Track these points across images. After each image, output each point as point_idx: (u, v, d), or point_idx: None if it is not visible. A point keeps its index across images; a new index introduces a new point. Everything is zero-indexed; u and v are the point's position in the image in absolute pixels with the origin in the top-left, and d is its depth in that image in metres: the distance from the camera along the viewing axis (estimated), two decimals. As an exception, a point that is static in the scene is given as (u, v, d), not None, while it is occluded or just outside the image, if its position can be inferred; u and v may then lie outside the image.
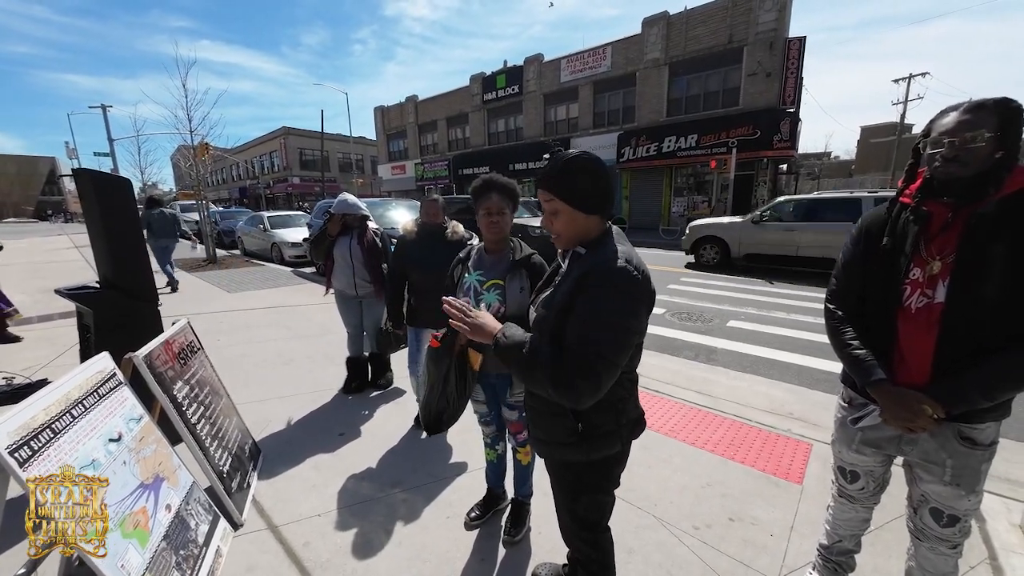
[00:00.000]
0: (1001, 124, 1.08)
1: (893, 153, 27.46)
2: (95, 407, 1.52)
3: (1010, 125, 1.08)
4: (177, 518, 1.66)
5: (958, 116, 1.13)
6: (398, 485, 2.33)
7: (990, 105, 1.10)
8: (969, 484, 1.24)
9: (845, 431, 1.45)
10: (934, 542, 1.32)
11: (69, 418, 1.39)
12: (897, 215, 1.28)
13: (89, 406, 1.49)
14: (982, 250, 1.11)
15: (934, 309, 1.18)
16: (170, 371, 2.00)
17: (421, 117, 27.90)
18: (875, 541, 1.85)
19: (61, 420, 1.36)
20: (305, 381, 3.67)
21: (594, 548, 1.36)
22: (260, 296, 6.93)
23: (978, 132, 1.09)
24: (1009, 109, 1.08)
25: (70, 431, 1.37)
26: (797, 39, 14.64)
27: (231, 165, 47.25)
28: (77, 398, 1.46)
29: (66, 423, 1.37)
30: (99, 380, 1.60)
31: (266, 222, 11.71)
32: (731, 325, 5.42)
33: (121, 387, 1.70)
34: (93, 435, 1.45)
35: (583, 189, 1.12)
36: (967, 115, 1.12)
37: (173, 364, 2.04)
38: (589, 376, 1.03)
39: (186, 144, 11.09)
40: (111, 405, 1.60)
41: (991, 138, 1.08)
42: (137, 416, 1.71)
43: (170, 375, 1.98)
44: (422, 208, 2.71)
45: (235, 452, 2.25)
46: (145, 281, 2.58)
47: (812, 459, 2.50)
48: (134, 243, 2.50)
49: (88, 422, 1.46)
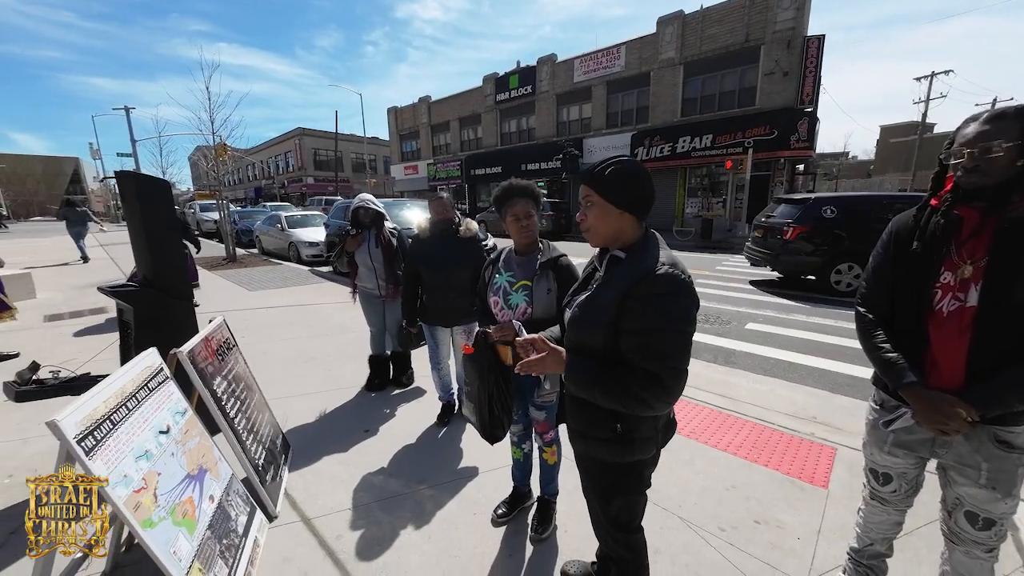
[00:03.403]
0: (1022, 133, 1.08)
1: (914, 153, 26.84)
2: (146, 400, 1.59)
3: None
4: (220, 508, 1.73)
5: (978, 126, 1.14)
6: (424, 482, 2.38)
7: (1011, 114, 1.11)
8: (1005, 488, 1.23)
9: (877, 433, 1.45)
10: (970, 546, 1.32)
11: (125, 410, 1.47)
12: (927, 220, 1.29)
13: (141, 399, 1.57)
14: (1015, 255, 1.12)
15: (966, 313, 1.19)
16: (210, 367, 2.07)
17: (434, 118, 28.10)
18: (904, 547, 1.83)
19: (118, 412, 1.43)
20: (327, 379, 3.75)
21: (627, 548, 1.38)
22: (280, 295, 7.07)
23: (996, 143, 1.09)
24: None
25: (126, 423, 1.44)
26: (816, 38, 14.42)
27: (247, 165, 48.14)
28: (131, 391, 1.53)
29: (123, 415, 1.45)
30: (149, 374, 1.67)
31: (283, 222, 11.90)
32: (749, 328, 5.38)
33: (168, 382, 1.78)
34: (145, 427, 1.52)
35: (618, 184, 1.14)
36: (986, 125, 1.13)
37: (212, 360, 2.12)
38: (663, 390, 1.07)
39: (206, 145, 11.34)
40: (160, 399, 1.67)
41: (1010, 147, 1.08)
42: (182, 409, 1.78)
43: (210, 371, 2.06)
44: (430, 207, 2.76)
45: (268, 446, 2.32)
46: (181, 280, 2.67)
47: (837, 463, 2.49)
48: (171, 243, 2.60)
49: (141, 414, 1.53)
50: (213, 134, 10.76)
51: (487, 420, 1.68)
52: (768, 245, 7.42)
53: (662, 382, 1.06)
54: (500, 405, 1.67)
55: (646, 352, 1.07)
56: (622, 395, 1.10)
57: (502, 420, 1.69)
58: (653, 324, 1.06)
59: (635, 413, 1.14)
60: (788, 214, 7.30)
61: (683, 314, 1.08)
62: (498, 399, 1.66)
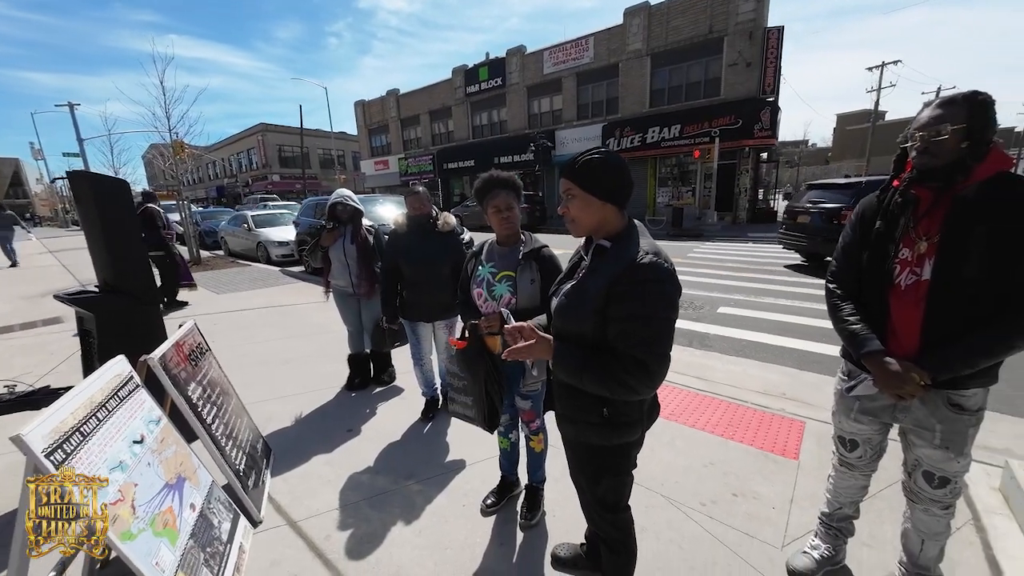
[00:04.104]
0: (969, 116, 1.17)
1: (868, 140, 28.17)
2: (117, 410, 1.52)
3: (976, 117, 1.17)
4: (202, 517, 1.68)
5: (930, 111, 1.24)
6: (412, 477, 2.38)
7: (959, 99, 1.20)
8: (958, 447, 1.34)
9: (844, 402, 1.55)
10: (928, 504, 1.43)
11: (95, 421, 1.40)
12: (889, 200, 1.37)
13: (112, 409, 1.50)
14: (965, 231, 1.21)
15: (921, 286, 1.28)
16: (183, 373, 2.00)
17: (403, 111, 27.55)
18: (869, 509, 1.96)
19: (88, 423, 1.37)
20: (306, 380, 3.67)
21: (615, 528, 1.43)
22: (251, 297, 6.83)
23: (943, 126, 1.19)
24: (975, 102, 1.18)
25: (97, 434, 1.38)
26: (775, 28, 14.87)
27: (207, 163, 46.01)
28: (100, 401, 1.46)
29: (93, 426, 1.38)
30: (118, 383, 1.60)
31: (250, 221, 11.47)
32: (721, 311, 5.56)
33: (139, 390, 1.70)
34: (118, 437, 1.46)
35: (597, 175, 1.17)
36: (937, 110, 1.22)
37: (185, 366, 2.04)
38: (648, 375, 1.10)
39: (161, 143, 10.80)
40: (132, 408, 1.61)
41: (955, 130, 1.17)
42: (156, 418, 1.72)
43: (183, 376, 1.98)
44: (407, 202, 2.72)
45: (248, 451, 2.27)
46: (146, 283, 2.55)
47: (806, 436, 2.62)
48: (134, 246, 2.47)
49: (112, 425, 1.46)
50: (170, 131, 10.24)
51: (486, 410, 1.70)
52: (812, 230, 7.51)
53: (647, 367, 1.09)
54: (496, 393, 1.69)
55: (632, 338, 1.10)
56: (609, 380, 1.13)
57: (497, 408, 1.71)
58: (639, 311, 1.09)
59: (621, 398, 1.18)
60: (838, 199, 7.36)
61: (667, 301, 1.11)
62: (494, 388, 1.68)
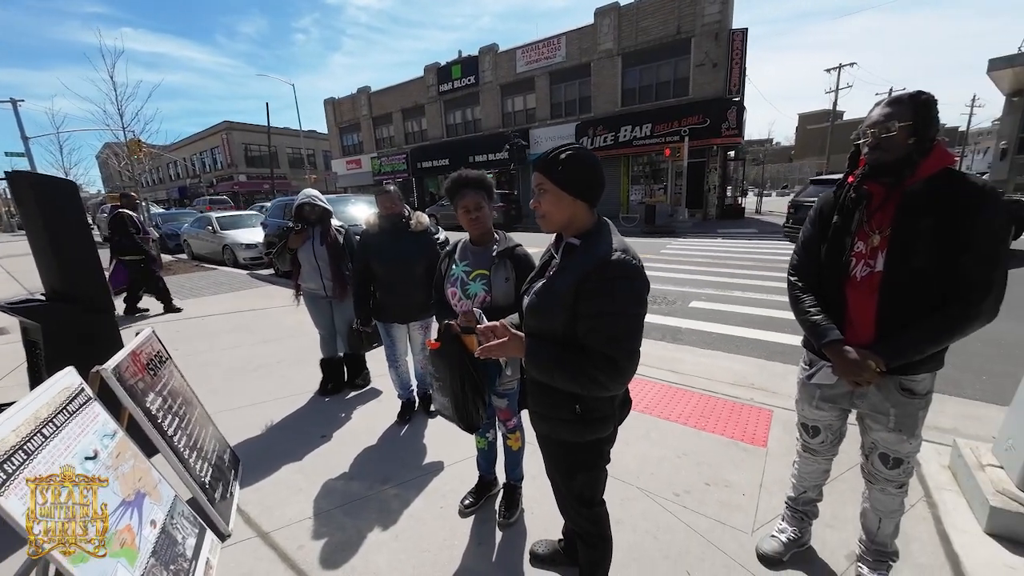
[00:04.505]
0: (914, 114, 1.24)
1: (828, 138, 29.46)
2: (66, 425, 1.43)
3: (921, 114, 1.24)
4: (164, 533, 1.60)
5: (880, 109, 1.30)
6: (388, 481, 2.34)
7: (905, 98, 1.27)
8: (910, 429, 1.42)
9: (806, 390, 1.62)
10: (884, 484, 1.51)
11: (41, 438, 1.31)
12: (844, 196, 1.44)
13: (60, 424, 1.41)
14: (912, 224, 1.28)
15: (875, 277, 1.34)
16: (140, 383, 1.90)
17: (375, 109, 27.05)
18: (831, 491, 2.05)
19: (32, 441, 1.28)
20: (278, 386, 3.56)
21: (591, 522, 1.44)
22: (217, 301, 6.57)
23: (891, 123, 1.25)
24: (919, 101, 1.25)
25: (43, 452, 1.29)
26: (740, 31, 15.36)
27: (167, 163, 43.95)
28: (46, 417, 1.37)
29: (38, 443, 1.29)
30: (67, 397, 1.50)
31: (215, 223, 11.03)
32: (693, 306, 5.71)
33: (91, 403, 1.60)
34: (68, 455, 1.37)
35: (570, 172, 1.17)
36: (886, 108, 1.29)
37: (143, 376, 1.94)
38: (618, 371, 1.11)
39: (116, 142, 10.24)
40: (83, 422, 1.51)
41: (903, 127, 1.24)
42: (111, 432, 1.62)
43: (141, 387, 1.88)
44: (378, 201, 2.67)
45: (215, 462, 2.18)
46: (98, 290, 2.41)
47: (774, 424, 2.72)
48: (84, 250, 2.33)
49: (61, 441, 1.37)
50: (124, 129, 9.72)
51: (464, 409, 1.68)
52: None
53: (617, 363, 1.10)
54: (474, 392, 1.68)
55: (602, 335, 1.11)
56: (579, 377, 1.14)
57: (477, 406, 1.70)
58: (608, 308, 1.10)
59: (592, 394, 1.19)
60: None
61: (636, 297, 1.13)
62: (471, 387, 1.67)
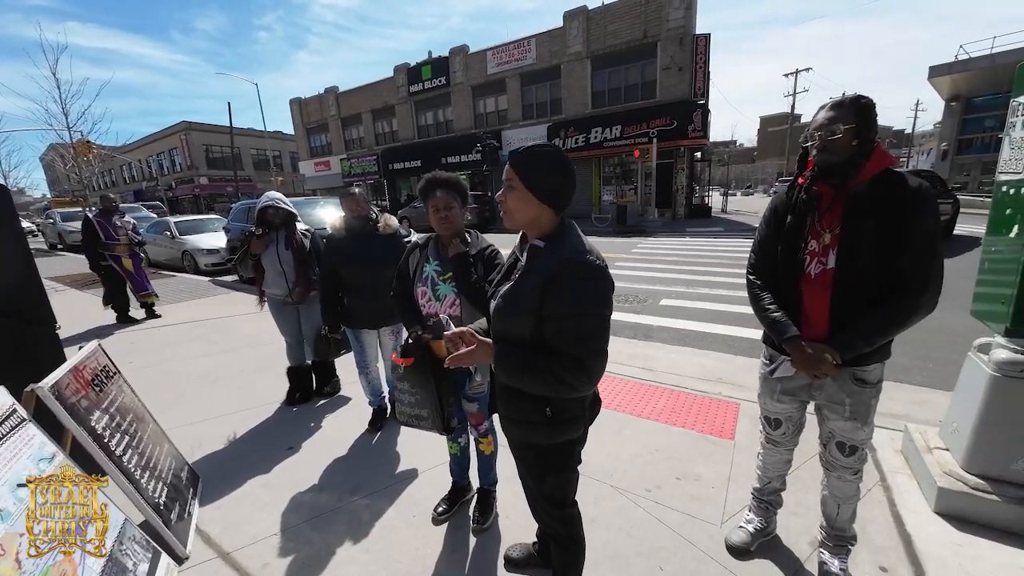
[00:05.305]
0: (857, 117, 1.30)
1: (787, 140, 30.82)
2: (-5, 450, 1.32)
3: (862, 118, 1.30)
4: (111, 561, 1.50)
5: (824, 113, 1.37)
6: (358, 491, 2.27)
7: (847, 102, 1.33)
8: (863, 417, 1.49)
9: (767, 384, 1.67)
10: (840, 471, 1.57)
11: (-36, 466, 1.20)
12: (796, 197, 1.49)
13: (-12, 450, 1.29)
14: (857, 225, 1.34)
15: (827, 274, 1.40)
16: (84, 400, 1.77)
17: (343, 110, 26.45)
18: (794, 481, 2.13)
19: (-46, 469, 1.17)
20: (241, 397, 3.41)
21: (563, 524, 1.44)
22: (176, 310, 6.26)
23: (836, 126, 1.31)
24: (860, 105, 1.32)
25: (-33, 480, 1.19)
26: (703, 35, 15.84)
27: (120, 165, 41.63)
28: (-29, 442, 1.26)
29: (-39, 472, 1.18)
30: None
31: (173, 228, 10.52)
32: (663, 303, 5.84)
33: (24, 424, 1.48)
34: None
35: (541, 176, 1.16)
36: (830, 112, 1.35)
37: (87, 392, 1.81)
38: (586, 372, 1.10)
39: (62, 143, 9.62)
40: (14, 446, 1.39)
41: (847, 130, 1.30)
42: (49, 455, 1.50)
43: (84, 405, 1.76)
44: (343, 204, 2.62)
45: (171, 481, 2.06)
46: (36, 302, 2.24)
47: (741, 417, 2.81)
48: (20, 260, 2.16)
49: (-11, 468, 1.26)
50: (70, 129, 9.13)
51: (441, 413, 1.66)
52: None
53: (584, 364, 1.10)
54: (448, 394, 1.66)
55: (569, 336, 1.10)
56: (548, 379, 1.13)
57: (452, 410, 1.69)
58: (573, 309, 1.10)
59: (562, 396, 1.18)
60: None
61: (601, 298, 1.13)
62: (445, 391, 1.65)
